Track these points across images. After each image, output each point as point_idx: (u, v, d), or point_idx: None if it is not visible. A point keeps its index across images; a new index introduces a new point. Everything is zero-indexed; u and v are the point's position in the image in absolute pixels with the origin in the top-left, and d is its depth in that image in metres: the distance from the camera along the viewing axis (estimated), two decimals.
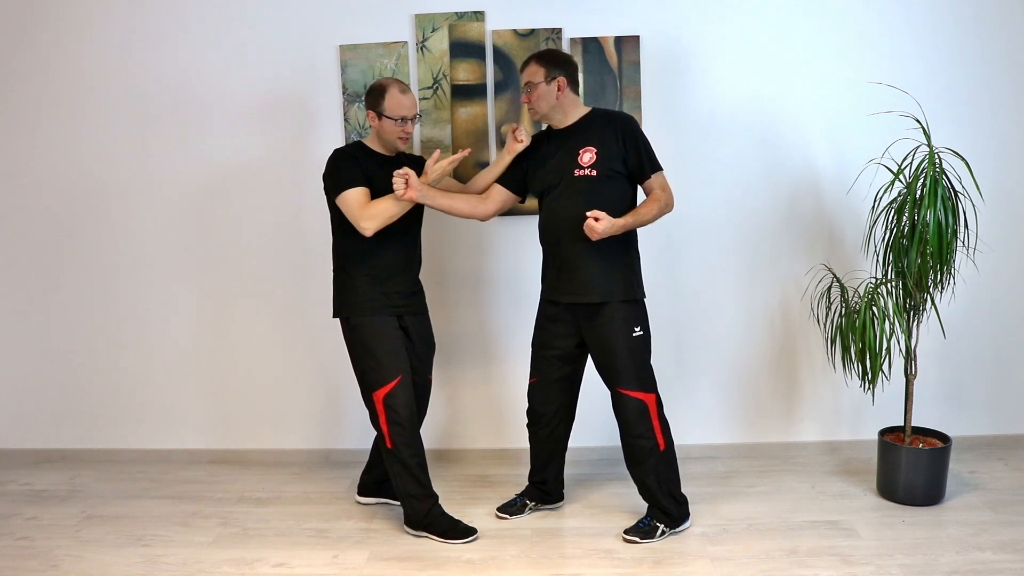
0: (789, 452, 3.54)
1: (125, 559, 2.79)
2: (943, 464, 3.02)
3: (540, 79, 2.76)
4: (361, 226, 2.72)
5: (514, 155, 2.89)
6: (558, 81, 2.77)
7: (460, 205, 2.88)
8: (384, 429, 2.81)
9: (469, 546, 2.81)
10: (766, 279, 3.47)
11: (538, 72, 2.77)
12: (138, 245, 3.57)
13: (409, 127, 2.83)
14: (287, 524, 3.02)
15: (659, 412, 2.82)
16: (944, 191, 2.83)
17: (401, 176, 2.71)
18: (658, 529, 2.82)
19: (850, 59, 3.33)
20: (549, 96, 2.77)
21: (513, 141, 2.88)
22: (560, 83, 2.77)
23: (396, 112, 2.79)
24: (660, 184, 2.79)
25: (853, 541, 2.77)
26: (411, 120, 2.83)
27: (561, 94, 2.78)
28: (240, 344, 3.61)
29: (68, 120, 3.51)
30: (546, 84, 2.76)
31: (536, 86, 2.77)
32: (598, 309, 2.78)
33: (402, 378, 2.81)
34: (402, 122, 2.81)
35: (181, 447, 3.69)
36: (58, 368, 3.69)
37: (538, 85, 2.77)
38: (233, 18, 3.40)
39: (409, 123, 2.83)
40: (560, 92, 2.78)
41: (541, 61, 2.79)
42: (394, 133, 2.82)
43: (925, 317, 3.04)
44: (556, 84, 2.77)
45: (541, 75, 2.76)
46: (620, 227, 2.66)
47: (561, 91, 2.78)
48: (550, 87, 2.77)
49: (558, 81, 2.77)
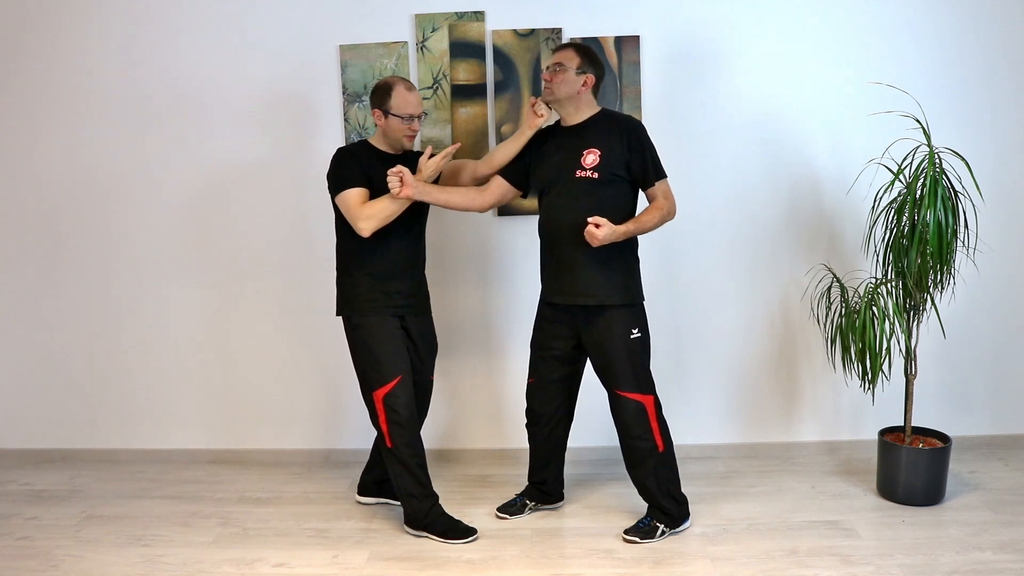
0: (789, 452, 3.54)
1: (125, 559, 2.79)
2: (943, 464, 3.02)
3: (572, 66, 2.75)
4: (358, 226, 2.72)
5: (535, 130, 2.84)
6: (587, 77, 2.77)
7: (457, 199, 2.88)
8: (384, 429, 2.81)
9: (469, 546, 2.81)
10: (766, 279, 3.47)
11: (573, 59, 2.76)
12: (138, 245, 3.57)
13: (415, 125, 2.83)
14: (287, 524, 3.02)
15: (658, 413, 2.82)
16: (944, 191, 2.83)
17: (395, 174, 2.71)
18: (658, 529, 2.82)
19: (850, 59, 3.33)
20: (573, 85, 2.76)
21: (533, 116, 2.83)
22: (588, 80, 2.77)
23: (403, 110, 2.79)
24: (663, 192, 2.78)
25: (853, 541, 2.77)
26: (417, 118, 2.82)
27: (584, 90, 2.78)
28: (240, 344, 3.61)
29: (68, 120, 3.51)
30: (575, 73, 2.75)
31: (566, 70, 2.75)
32: (596, 312, 2.77)
33: (402, 378, 2.81)
34: (408, 120, 2.80)
35: (181, 447, 3.69)
36: (58, 368, 3.69)
37: (568, 70, 2.75)
38: (233, 18, 3.40)
39: (415, 121, 2.82)
40: (584, 88, 2.77)
41: (579, 52, 2.79)
42: (400, 131, 2.82)
43: (925, 317, 3.04)
44: (584, 79, 2.76)
45: (575, 63, 2.76)
46: (621, 234, 2.65)
47: (585, 87, 2.77)
48: (578, 78, 2.76)
49: (587, 77, 2.77)
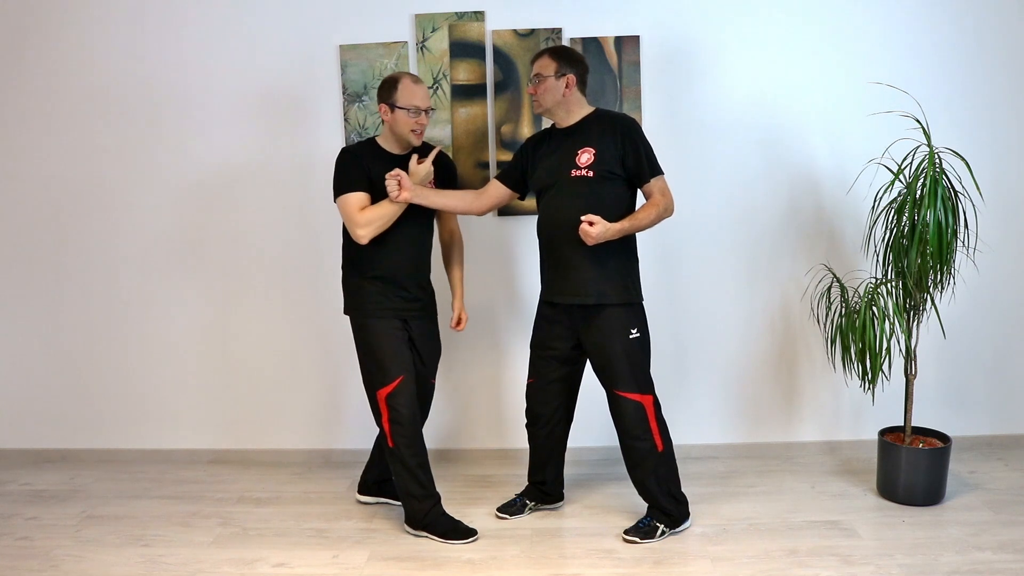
0: (789, 452, 3.54)
1: (125, 559, 2.79)
2: (943, 464, 3.02)
3: (550, 73, 2.75)
4: (356, 234, 2.72)
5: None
6: (567, 78, 2.76)
7: (455, 202, 2.89)
8: (386, 428, 2.81)
9: (469, 546, 2.81)
10: (766, 279, 3.47)
11: (549, 66, 2.76)
12: (138, 245, 3.57)
13: (423, 119, 2.80)
14: (287, 524, 3.02)
15: (657, 414, 2.82)
16: (944, 191, 2.83)
17: (393, 178, 2.70)
18: (658, 529, 2.82)
19: (850, 59, 3.33)
20: (556, 91, 2.76)
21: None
22: (569, 80, 2.76)
23: (409, 102, 2.76)
24: (660, 188, 2.77)
25: (853, 541, 2.77)
26: (424, 112, 2.80)
27: (568, 91, 2.77)
28: (240, 344, 3.61)
29: (69, 121, 3.51)
30: (555, 79, 2.75)
31: (545, 79, 2.76)
32: (594, 311, 2.77)
33: (404, 378, 2.81)
34: (415, 112, 2.77)
35: (181, 447, 3.69)
36: (58, 368, 3.69)
37: (547, 79, 2.76)
38: (233, 18, 3.40)
39: (423, 115, 2.79)
40: (567, 89, 2.77)
41: (554, 55, 2.78)
42: (407, 125, 2.78)
43: (925, 317, 3.04)
44: (565, 81, 2.76)
45: (552, 69, 2.76)
46: (616, 232, 2.64)
47: (569, 88, 2.77)
48: (558, 83, 2.76)
49: (567, 78, 2.76)
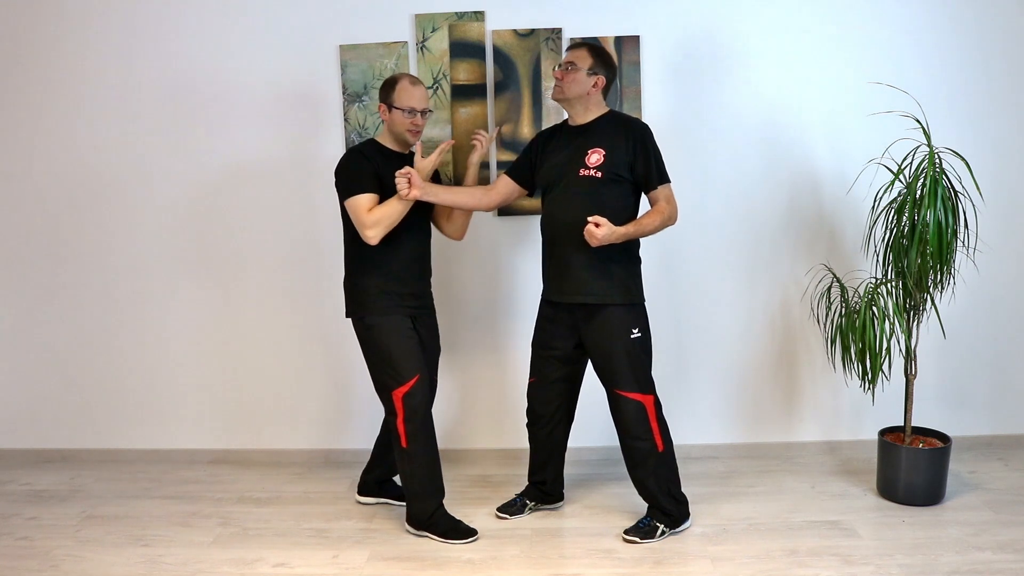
0: (789, 452, 3.54)
1: (125, 559, 2.79)
2: (943, 464, 3.02)
3: (584, 66, 2.76)
4: (366, 235, 2.72)
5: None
6: (598, 79, 2.77)
7: (464, 198, 2.90)
8: (400, 428, 2.79)
9: (469, 546, 2.81)
10: (766, 279, 3.47)
11: (586, 59, 2.77)
12: (138, 245, 3.57)
13: (419, 120, 2.82)
14: (287, 524, 3.02)
15: (657, 414, 2.82)
16: (944, 191, 2.83)
17: (403, 175, 2.71)
18: (658, 529, 2.82)
19: (850, 59, 3.32)
20: (583, 86, 2.76)
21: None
22: (599, 81, 2.78)
23: (405, 103, 2.78)
24: (666, 196, 2.78)
25: (853, 541, 2.77)
26: (421, 113, 2.81)
27: (595, 90, 2.78)
28: (240, 344, 3.61)
29: (68, 121, 3.51)
30: (587, 74, 2.76)
31: (578, 70, 2.76)
32: (595, 311, 2.77)
33: (419, 377, 2.79)
34: (411, 113, 2.79)
35: (181, 447, 3.69)
36: (58, 368, 3.68)
37: (580, 71, 2.76)
38: (233, 18, 3.40)
39: (419, 116, 2.81)
40: (594, 88, 2.78)
41: (593, 52, 2.79)
42: (403, 125, 2.80)
43: (925, 317, 3.04)
44: (595, 80, 2.77)
45: (587, 63, 2.76)
46: (620, 235, 2.64)
47: (596, 88, 2.78)
48: (589, 79, 2.76)
49: (598, 79, 2.77)
